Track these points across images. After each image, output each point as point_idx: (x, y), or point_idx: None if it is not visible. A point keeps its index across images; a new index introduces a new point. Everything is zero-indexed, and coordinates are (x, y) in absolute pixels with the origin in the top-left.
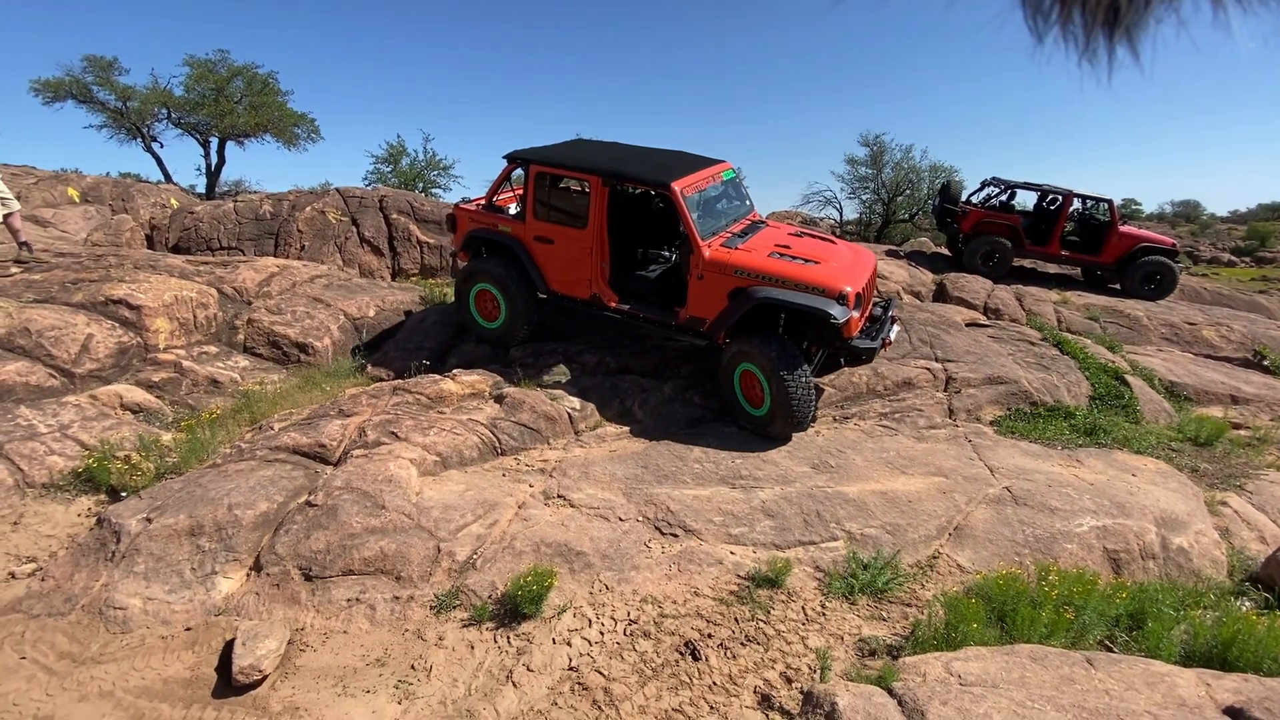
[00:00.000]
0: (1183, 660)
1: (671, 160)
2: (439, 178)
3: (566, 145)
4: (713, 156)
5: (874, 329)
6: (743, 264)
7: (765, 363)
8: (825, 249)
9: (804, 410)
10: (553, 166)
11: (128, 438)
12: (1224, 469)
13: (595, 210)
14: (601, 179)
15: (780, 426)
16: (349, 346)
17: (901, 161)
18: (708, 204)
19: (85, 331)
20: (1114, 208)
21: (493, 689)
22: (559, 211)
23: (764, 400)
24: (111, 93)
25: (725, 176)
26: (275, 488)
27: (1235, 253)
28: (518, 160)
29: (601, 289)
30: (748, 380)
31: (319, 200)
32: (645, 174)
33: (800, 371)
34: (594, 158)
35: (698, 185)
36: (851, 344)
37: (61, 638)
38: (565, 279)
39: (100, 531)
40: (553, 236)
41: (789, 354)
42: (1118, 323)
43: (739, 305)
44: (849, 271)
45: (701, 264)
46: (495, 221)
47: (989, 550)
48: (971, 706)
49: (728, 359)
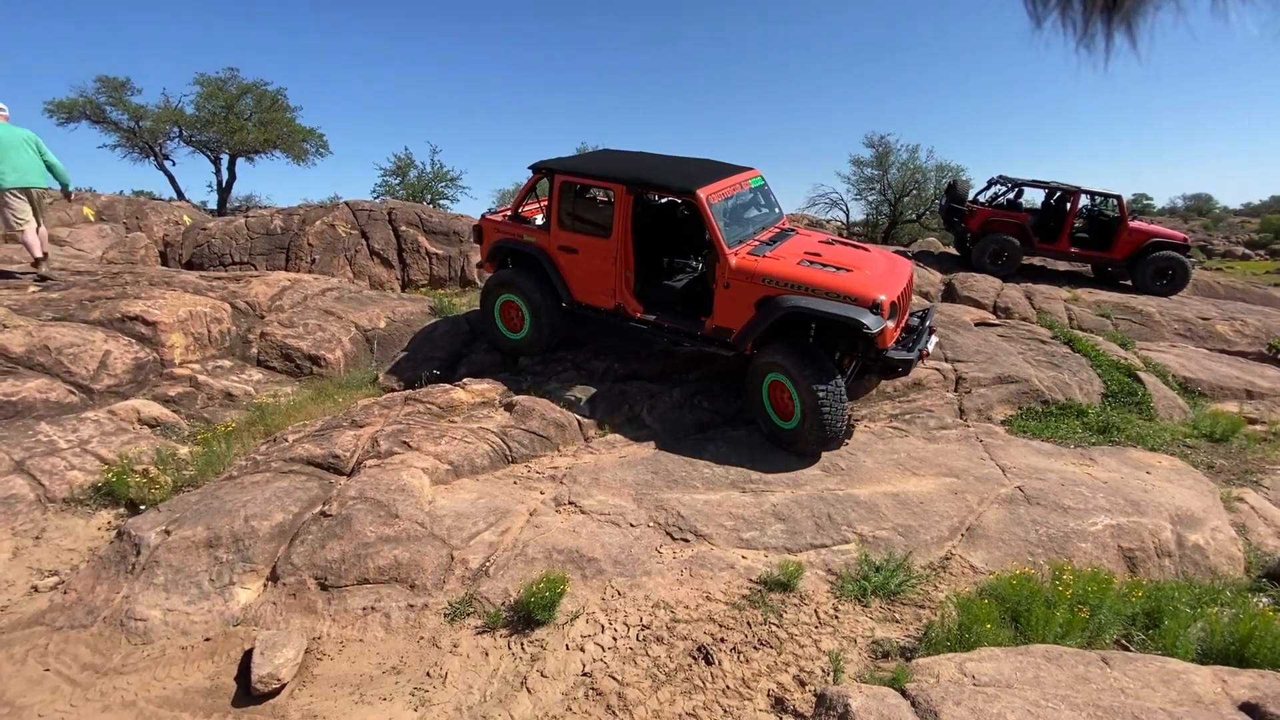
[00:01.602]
0: (1199, 658)
1: (698, 168)
2: (447, 189)
3: (592, 155)
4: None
5: (910, 340)
6: (771, 272)
7: (797, 374)
8: (858, 256)
9: (837, 424)
10: (577, 175)
11: (146, 451)
12: (1240, 465)
13: (620, 219)
14: (626, 187)
15: (811, 441)
16: (360, 358)
17: (907, 162)
18: (735, 212)
19: (103, 348)
20: (1123, 203)
21: (508, 695)
22: (584, 221)
23: (794, 413)
24: (124, 112)
25: (754, 184)
26: (290, 499)
27: (1249, 246)
28: (543, 170)
29: (626, 299)
30: (777, 392)
31: (328, 214)
32: (670, 181)
33: (834, 383)
34: (619, 166)
35: (724, 192)
36: (886, 355)
37: (84, 649)
38: (590, 289)
39: (120, 544)
40: (577, 246)
41: (822, 364)
42: (1130, 319)
43: (767, 315)
44: (883, 279)
45: (728, 272)
46: (520, 232)
47: (1002, 550)
48: (985, 706)
49: (755, 370)
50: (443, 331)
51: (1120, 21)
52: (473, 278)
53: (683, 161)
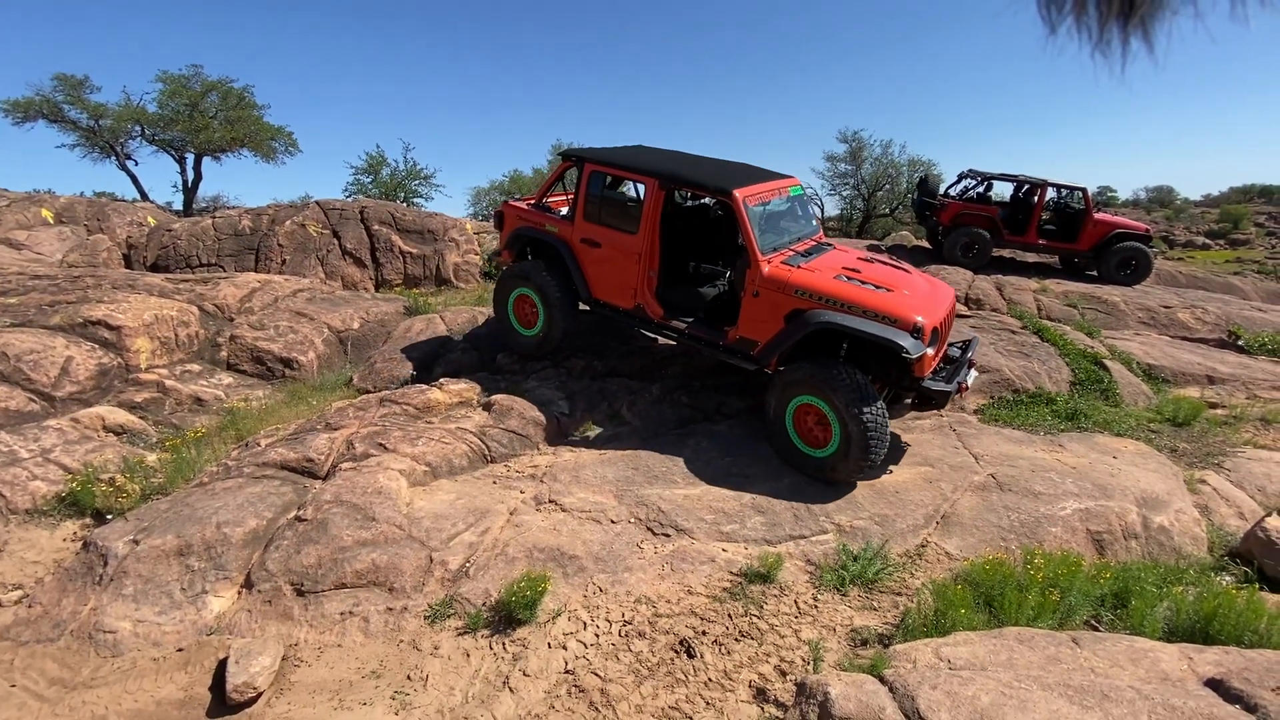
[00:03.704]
0: (1166, 636)
1: (735, 168)
2: (420, 187)
3: (624, 148)
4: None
5: (949, 371)
6: (805, 284)
7: (836, 396)
8: (898, 277)
9: (880, 451)
10: (608, 166)
11: (112, 460)
12: (1202, 448)
13: (649, 215)
14: (659, 182)
15: (850, 469)
16: (334, 360)
17: (880, 157)
18: (771, 218)
19: (64, 354)
20: (1088, 196)
21: (490, 696)
22: (610, 214)
23: (829, 440)
24: (83, 111)
25: (792, 192)
26: (264, 504)
27: (1209, 236)
28: (573, 158)
29: (646, 300)
30: (803, 416)
31: (299, 214)
32: (707, 179)
33: (877, 407)
34: (653, 160)
35: (762, 196)
36: (923, 384)
37: (51, 664)
38: (609, 286)
39: (87, 555)
40: (601, 240)
41: (864, 386)
42: (1096, 308)
43: (797, 329)
44: (924, 303)
45: (759, 280)
46: (543, 221)
47: (976, 537)
48: (960, 689)
49: (780, 390)
50: (418, 331)
51: (1135, 26)
52: (448, 276)
53: (719, 162)
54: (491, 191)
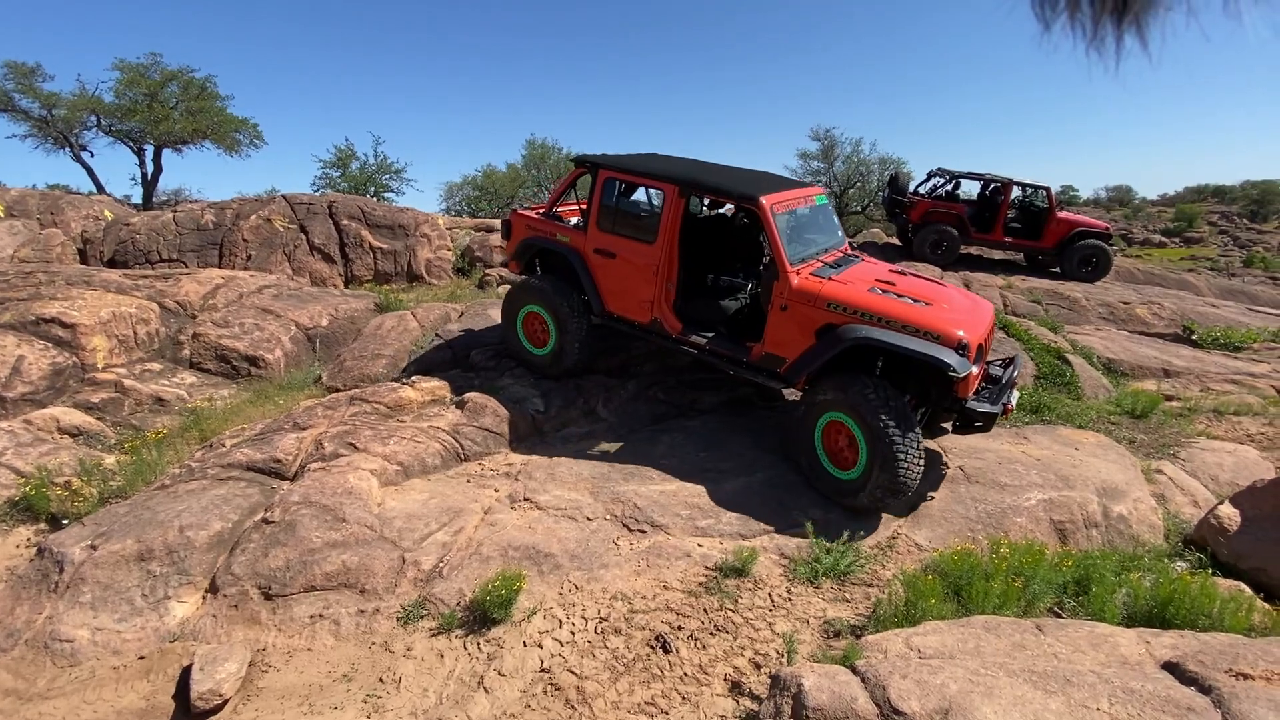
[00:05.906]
0: (1125, 621)
1: (758, 176)
2: (391, 181)
3: (640, 155)
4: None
5: (993, 391)
6: (837, 297)
7: (869, 417)
8: (935, 290)
9: (913, 478)
10: (625, 173)
11: (67, 462)
12: (1158, 439)
13: (667, 224)
14: (679, 189)
15: (878, 495)
16: (302, 358)
17: (852, 155)
18: (798, 228)
19: (15, 353)
20: (1051, 194)
21: (464, 696)
22: (625, 223)
23: (856, 461)
24: (35, 100)
25: (818, 201)
26: (229, 506)
27: (1165, 234)
28: (586, 164)
29: (664, 313)
30: (833, 434)
31: (264, 208)
32: (730, 186)
33: (914, 432)
34: (672, 166)
35: (789, 204)
36: (966, 406)
37: (5, 674)
38: (625, 300)
39: (41, 562)
40: (615, 250)
41: (900, 407)
42: (1059, 304)
43: (829, 345)
44: (966, 318)
45: (787, 293)
46: (553, 230)
47: (945, 528)
48: (929, 678)
49: (808, 408)
50: (389, 328)
51: (1130, 23)
52: (420, 273)
53: (738, 169)
54: (464, 186)
